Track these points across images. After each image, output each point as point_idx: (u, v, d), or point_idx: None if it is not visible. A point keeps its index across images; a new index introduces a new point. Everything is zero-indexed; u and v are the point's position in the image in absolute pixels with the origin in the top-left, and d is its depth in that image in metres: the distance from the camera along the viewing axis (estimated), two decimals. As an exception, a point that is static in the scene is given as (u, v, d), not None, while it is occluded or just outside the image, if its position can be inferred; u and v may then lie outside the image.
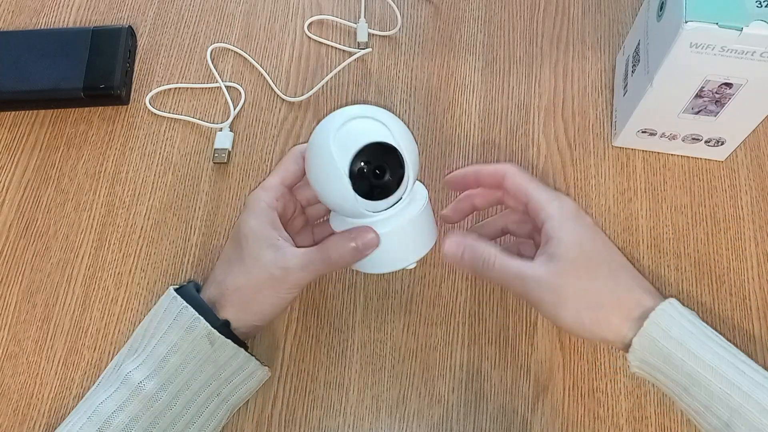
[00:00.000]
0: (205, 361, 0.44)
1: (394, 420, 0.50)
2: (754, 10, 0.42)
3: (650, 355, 0.42)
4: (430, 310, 0.53)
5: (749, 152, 0.58)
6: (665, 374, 0.42)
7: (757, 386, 0.40)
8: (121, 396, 0.43)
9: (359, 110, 0.42)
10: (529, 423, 0.49)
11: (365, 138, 0.40)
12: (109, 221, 0.56)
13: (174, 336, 0.44)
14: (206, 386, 0.44)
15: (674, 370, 0.42)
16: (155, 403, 0.43)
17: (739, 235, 0.54)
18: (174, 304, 0.45)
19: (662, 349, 0.41)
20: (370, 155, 0.40)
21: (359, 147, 0.40)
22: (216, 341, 0.44)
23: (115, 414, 0.42)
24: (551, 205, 0.44)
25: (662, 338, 0.41)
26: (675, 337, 0.41)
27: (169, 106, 0.61)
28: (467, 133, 0.59)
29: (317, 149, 0.42)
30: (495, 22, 0.64)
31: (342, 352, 0.52)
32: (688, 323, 0.42)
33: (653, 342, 0.42)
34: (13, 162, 0.59)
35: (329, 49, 0.63)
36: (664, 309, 0.42)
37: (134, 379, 0.43)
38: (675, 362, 0.41)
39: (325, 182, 0.42)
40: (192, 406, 0.44)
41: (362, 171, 0.40)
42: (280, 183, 0.47)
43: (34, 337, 0.53)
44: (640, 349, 0.42)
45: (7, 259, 0.55)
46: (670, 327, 0.42)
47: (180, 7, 0.65)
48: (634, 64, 0.54)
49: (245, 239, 0.45)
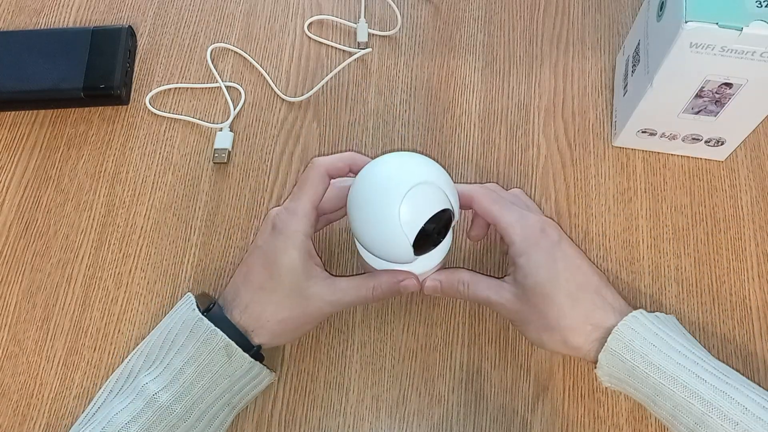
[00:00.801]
0: (221, 375, 0.44)
1: (394, 420, 0.50)
2: (754, 10, 0.42)
3: (616, 369, 0.44)
4: (430, 310, 0.53)
5: (749, 152, 0.58)
6: (633, 386, 0.44)
7: (719, 393, 0.41)
8: (135, 407, 0.43)
9: (418, 174, 0.43)
10: (529, 423, 0.49)
11: (430, 210, 0.42)
12: (109, 221, 0.56)
13: (191, 348, 0.44)
14: (220, 398, 0.45)
15: (639, 382, 0.43)
16: (169, 415, 0.43)
17: (739, 235, 0.54)
18: (192, 316, 0.45)
19: (626, 363, 0.43)
20: (431, 220, 0.43)
21: (426, 219, 0.42)
22: (234, 354, 0.44)
23: (129, 425, 0.42)
24: (514, 230, 0.46)
25: (625, 352, 0.43)
26: (637, 350, 0.43)
27: (169, 106, 0.61)
28: (467, 133, 0.59)
29: (380, 211, 0.42)
30: (495, 22, 0.64)
31: (342, 352, 0.52)
32: (652, 335, 0.43)
33: (617, 357, 0.43)
34: (13, 162, 0.59)
35: (329, 49, 0.63)
36: (626, 324, 0.44)
37: (149, 391, 0.43)
38: (639, 375, 0.43)
39: (384, 241, 0.43)
40: (204, 418, 0.44)
41: (423, 233, 0.42)
42: (312, 207, 0.46)
43: (34, 337, 0.53)
44: (607, 365, 0.44)
45: (7, 259, 0.55)
46: (633, 340, 0.43)
47: (180, 7, 0.65)
48: (634, 64, 0.54)
49: (287, 271, 0.45)
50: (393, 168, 0.44)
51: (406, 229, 0.42)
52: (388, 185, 0.43)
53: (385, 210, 0.42)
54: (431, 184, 0.43)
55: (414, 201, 0.42)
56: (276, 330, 0.45)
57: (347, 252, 0.55)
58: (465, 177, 0.57)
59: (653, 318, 0.45)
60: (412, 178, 0.42)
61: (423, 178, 0.43)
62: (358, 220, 0.43)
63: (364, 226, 0.43)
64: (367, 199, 0.43)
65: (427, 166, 0.44)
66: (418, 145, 0.59)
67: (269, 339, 0.46)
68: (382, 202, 0.42)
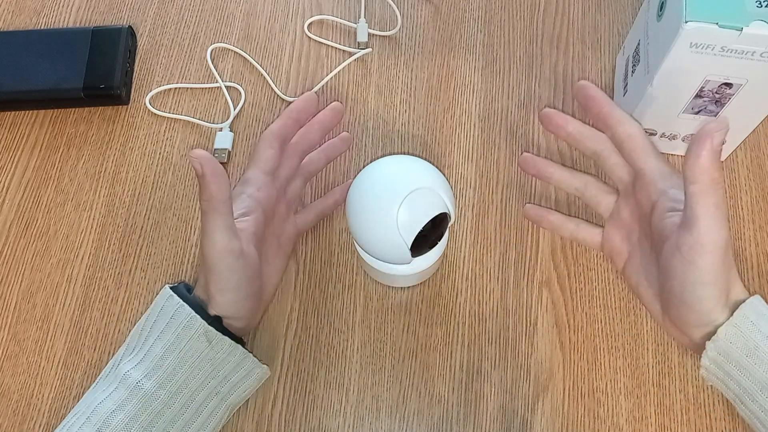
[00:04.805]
0: (202, 359, 0.44)
1: (394, 420, 0.50)
2: (754, 10, 0.42)
3: (733, 346, 0.42)
4: (430, 310, 0.53)
5: (749, 152, 0.58)
6: (741, 372, 0.42)
7: None
8: (119, 395, 0.43)
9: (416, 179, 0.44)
10: (529, 423, 0.49)
11: (427, 215, 0.43)
12: (109, 221, 0.56)
13: (171, 334, 0.44)
14: (204, 384, 0.44)
15: (757, 364, 0.41)
16: (154, 402, 0.43)
17: (739, 235, 0.54)
18: (170, 302, 0.45)
19: (747, 342, 0.41)
20: (428, 224, 0.43)
21: (423, 224, 0.43)
22: (213, 338, 0.44)
23: (114, 414, 0.42)
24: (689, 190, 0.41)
25: (750, 331, 0.41)
26: (764, 331, 0.41)
27: (169, 106, 0.61)
28: (467, 133, 0.59)
29: (378, 215, 0.43)
30: (495, 22, 0.64)
31: (342, 352, 0.52)
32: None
33: (740, 334, 0.41)
34: (13, 162, 0.59)
35: (329, 49, 0.63)
36: (753, 303, 0.42)
37: (132, 378, 0.43)
38: (760, 355, 0.41)
39: (381, 243, 0.44)
40: (191, 405, 0.44)
41: (420, 237, 0.43)
42: (261, 173, 0.48)
43: (34, 337, 0.53)
44: (724, 339, 0.42)
45: (7, 259, 0.55)
46: (759, 321, 0.41)
47: (180, 7, 0.65)
48: (634, 64, 0.54)
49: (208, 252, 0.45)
50: (391, 173, 0.44)
51: (403, 233, 0.42)
52: (386, 190, 0.43)
53: (383, 214, 0.43)
54: (429, 188, 0.43)
55: (411, 206, 0.42)
56: (217, 297, 0.45)
57: (347, 252, 0.55)
58: (465, 177, 0.57)
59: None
60: (410, 183, 0.43)
61: (421, 184, 0.43)
62: (357, 222, 0.44)
63: (362, 228, 0.44)
64: (366, 203, 0.44)
65: (425, 171, 0.44)
66: (418, 145, 0.59)
67: (219, 309, 0.45)
68: (380, 206, 0.43)
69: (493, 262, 0.54)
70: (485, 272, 0.54)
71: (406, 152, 0.58)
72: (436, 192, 0.43)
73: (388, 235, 0.43)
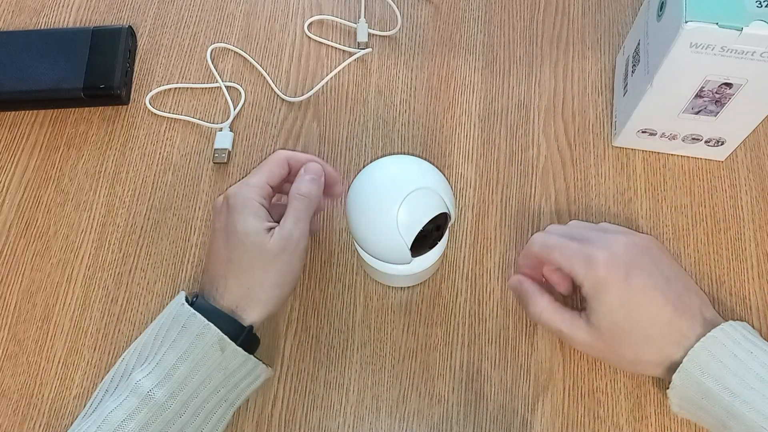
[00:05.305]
0: (214, 369, 0.44)
1: (394, 420, 0.50)
2: (754, 10, 0.42)
3: (690, 390, 0.44)
4: (430, 310, 0.53)
5: (749, 152, 0.58)
6: (705, 409, 0.44)
7: None
8: (130, 405, 0.43)
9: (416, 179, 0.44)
10: (529, 423, 0.49)
11: (427, 215, 0.43)
12: (109, 221, 0.56)
13: (184, 343, 0.44)
14: (215, 393, 0.44)
15: (712, 404, 0.43)
16: (165, 411, 0.43)
17: (739, 235, 0.54)
18: (182, 311, 0.45)
19: (701, 385, 0.43)
20: (428, 225, 0.43)
21: (423, 224, 0.43)
22: (227, 348, 0.44)
23: (125, 423, 0.42)
24: (579, 275, 0.45)
25: (700, 374, 0.43)
26: (712, 372, 0.43)
27: (169, 106, 0.61)
28: (467, 133, 0.59)
29: (378, 215, 0.43)
30: (495, 22, 0.64)
31: (342, 352, 0.52)
32: (729, 357, 0.43)
33: (691, 378, 0.44)
34: (13, 162, 0.59)
35: (329, 49, 0.63)
36: (704, 344, 0.43)
37: (144, 388, 0.43)
38: (713, 396, 0.43)
39: (381, 243, 0.44)
40: (201, 413, 0.44)
41: (420, 237, 0.43)
42: (265, 182, 0.48)
43: (34, 337, 0.53)
44: (680, 385, 0.44)
45: (7, 259, 0.55)
46: (708, 363, 0.43)
47: (180, 7, 0.65)
48: (634, 64, 0.54)
49: (247, 236, 0.45)
50: (391, 173, 0.44)
51: (403, 233, 0.42)
52: (386, 190, 0.43)
53: (383, 214, 0.43)
54: (429, 188, 0.43)
55: (411, 206, 0.42)
56: (262, 298, 0.45)
57: (347, 252, 0.55)
58: (465, 177, 0.57)
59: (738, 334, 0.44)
60: (410, 183, 0.43)
61: (421, 184, 0.43)
62: (357, 223, 0.44)
63: (363, 228, 0.44)
64: (366, 203, 0.44)
65: (425, 171, 0.45)
66: (418, 145, 0.59)
67: (259, 309, 0.45)
68: (380, 206, 0.43)
69: (493, 262, 0.54)
70: (485, 272, 0.54)
71: (406, 152, 0.58)
72: (436, 192, 0.43)
73: (388, 235, 0.43)
